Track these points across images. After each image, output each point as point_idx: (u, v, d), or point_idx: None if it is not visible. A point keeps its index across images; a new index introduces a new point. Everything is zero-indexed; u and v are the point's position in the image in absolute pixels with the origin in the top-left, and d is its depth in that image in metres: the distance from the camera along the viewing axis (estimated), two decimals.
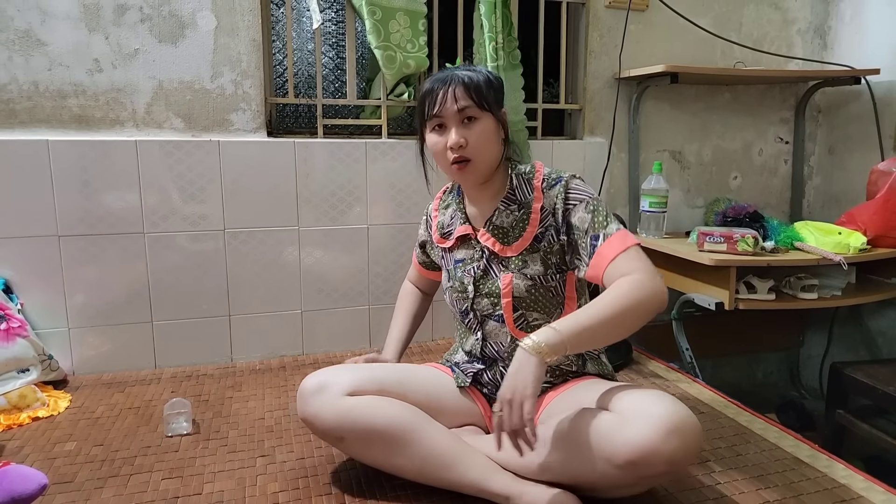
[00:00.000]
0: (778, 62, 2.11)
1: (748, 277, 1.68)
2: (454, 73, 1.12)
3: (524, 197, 1.16)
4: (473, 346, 1.23)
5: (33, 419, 1.35)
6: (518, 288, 1.14)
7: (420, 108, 1.15)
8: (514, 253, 1.15)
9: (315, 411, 1.05)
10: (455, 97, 1.09)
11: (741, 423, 1.34)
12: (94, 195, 1.54)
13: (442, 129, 1.12)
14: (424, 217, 1.36)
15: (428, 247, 1.36)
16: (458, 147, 1.09)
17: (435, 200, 1.34)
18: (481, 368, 1.22)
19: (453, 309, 1.27)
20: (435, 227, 1.30)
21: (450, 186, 1.31)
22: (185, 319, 1.66)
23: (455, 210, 1.25)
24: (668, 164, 2.06)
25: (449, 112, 1.10)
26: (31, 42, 1.48)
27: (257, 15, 1.62)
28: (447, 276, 1.26)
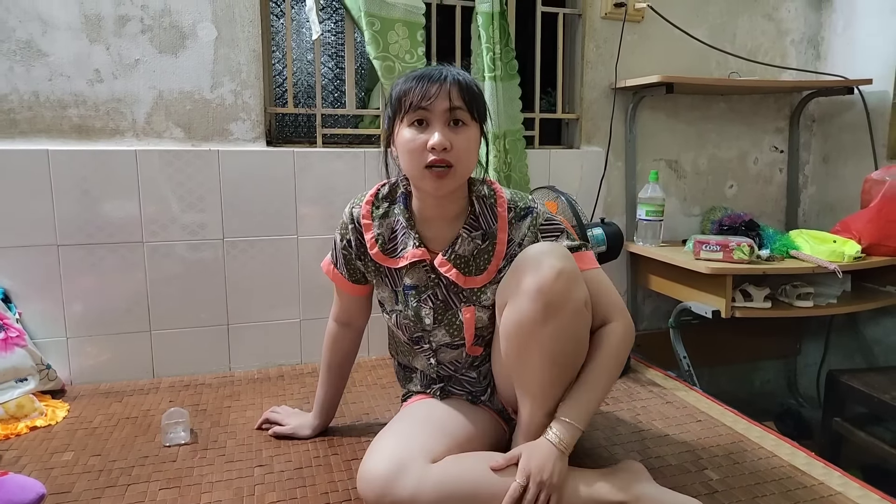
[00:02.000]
0: (772, 72, 2.13)
1: (744, 285, 1.69)
2: (446, 69, 1.02)
3: (488, 225, 1.10)
4: (427, 369, 1.21)
5: (31, 429, 1.34)
6: (481, 320, 1.12)
7: (398, 99, 1.02)
8: (477, 285, 1.11)
9: (412, 492, 0.94)
10: (449, 95, 0.98)
11: (738, 431, 1.35)
12: (94, 204, 1.55)
13: (422, 125, 1.00)
14: (349, 225, 1.15)
15: (358, 261, 1.17)
16: (441, 148, 0.98)
17: (364, 206, 1.14)
18: (441, 387, 1.21)
19: (399, 332, 1.19)
20: (371, 240, 1.13)
21: (384, 191, 1.14)
22: (184, 329, 1.66)
23: (403, 226, 1.11)
24: (664, 172, 2.08)
25: (438, 108, 0.99)
26: (32, 52, 1.50)
27: (257, 26, 1.63)
28: (395, 299, 1.15)
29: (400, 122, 1.03)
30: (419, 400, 1.21)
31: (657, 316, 2.13)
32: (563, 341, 1.00)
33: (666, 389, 1.59)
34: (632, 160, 2.01)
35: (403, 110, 1.01)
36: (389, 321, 1.20)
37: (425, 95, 0.99)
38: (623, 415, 1.43)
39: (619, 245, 1.67)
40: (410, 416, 1.14)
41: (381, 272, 1.16)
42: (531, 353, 1.00)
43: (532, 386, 1.04)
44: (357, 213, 1.15)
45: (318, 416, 1.32)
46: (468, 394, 1.20)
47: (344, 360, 1.30)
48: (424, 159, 0.99)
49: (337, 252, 1.20)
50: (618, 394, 1.55)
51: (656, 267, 1.90)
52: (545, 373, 1.01)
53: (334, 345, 1.29)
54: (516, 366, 1.04)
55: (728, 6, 2.07)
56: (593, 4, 1.93)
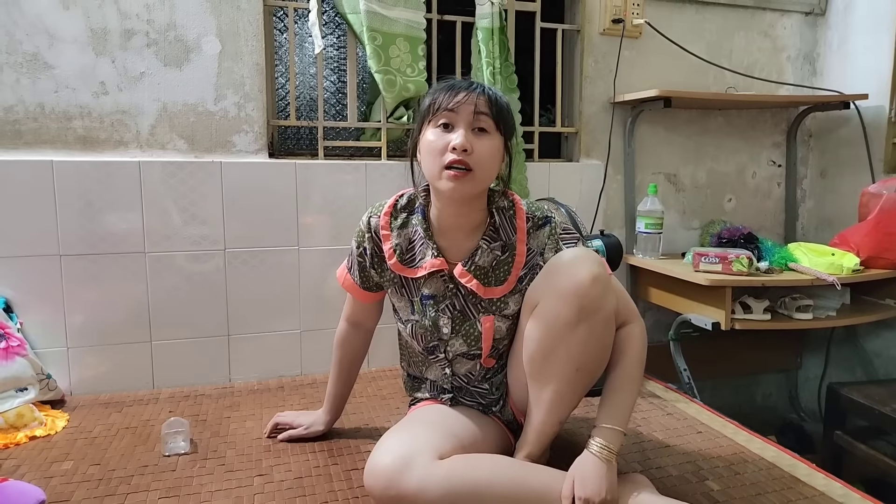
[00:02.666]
0: (769, 88, 2.16)
1: (744, 298, 1.70)
2: (477, 82, 1.06)
3: (507, 237, 1.11)
4: (441, 379, 1.22)
5: (30, 438, 1.34)
6: (500, 330, 1.14)
7: (427, 105, 1.06)
8: (496, 296, 1.12)
9: (417, 486, 0.94)
10: (476, 102, 1.02)
11: (739, 443, 1.35)
12: (97, 215, 1.56)
13: (447, 128, 1.03)
14: (366, 234, 1.17)
15: (373, 269, 1.19)
16: (462, 150, 1.00)
17: (382, 217, 1.15)
18: (451, 397, 1.21)
19: (414, 342, 1.20)
20: (390, 250, 1.14)
21: (403, 202, 1.16)
22: (184, 339, 1.66)
23: (421, 237, 1.12)
24: (663, 186, 2.09)
25: (463, 111, 1.02)
26: (38, 65, 1.52)
27: (261, 40, 1.66)
28: (411, 308, 1.16)
29: (426, 125, 1.06)
30: (427, 405, 1.21)
31: (657, 328, 2.13)
32: (590, 347, 1.01)
33: (666, 401, 1.59)
34: (631, 174, 2.03)
35: (431, 113, 1.05)
36: (404, 331, 1.21)
37: (453, 100, 1.02)
38: None
39: (618, 257, 1.67)
40: (418, 417, 1.15)
41: (398, 282, 1.16)
42: (557, 356, 1.01)
43: (551, 390, 1.04)
44: (375, 223, 1.16)
45: (329, 411, 1.35)
46: (479, 405, 1.21)
47: (354, 359, 1.33)
48: (445, 159, 1.01)
49: (353, 259, 1.22)
50: None
51: (656, 279, 1.91)
52: (567, 378, 1.02)
53: (345, 344, 1.31)
54: (539, 367, 1.04)
55: (724, 23, 2.11)
56: (591, 20, 1.96)
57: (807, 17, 2.20)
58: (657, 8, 2.00)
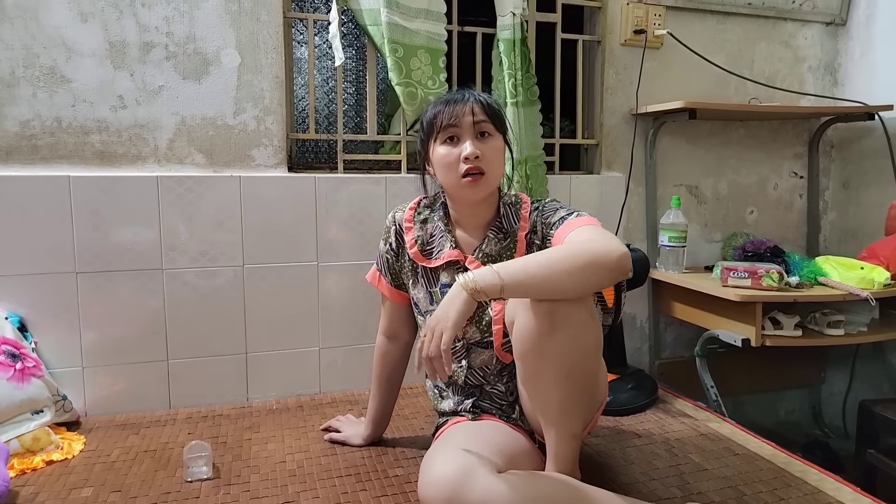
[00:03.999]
0: (790, 98, 2.13)
1: (773, 313, 1.66)
2: (467, 92, 1.16)
3: (510, 226, 1.19)
4: (456, 374, 1.23)
5: (47, 463, 1.30)
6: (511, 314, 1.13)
7: (430, 123, 1.15)
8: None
9: (481, 499, 0.92)
10: (472, 111, 1.12)
11: (779, 465, 1.31)
12: (114, 231, 1.52)
13: (454, 141, 1.13)
14: (392, 227, 1.27)
15: (397, 263, 1.27)
16: (473, 157, 1.10)
17: (407, 211, 1.26)
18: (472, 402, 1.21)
19: None
20: (412, 240, 1.24)
21: (427, 201, 1.28)
22: (201, 358, 1.63)
23: (442, 230, 1.22)
24: (684, 198, 2.06)
25: (465, 123, 1.11)
26: (55, 79, 1.49)
27: (280, 52, 1.63)
28: (430, 299, 1.23)
29: (434, 142, 1.16)
30: (455, 424, 1.20)
31: (679, 344, 2.10)
32: (574, 354, 1.00)
33: (698, 421, 1.55)
34: (652, 186, 2.00)
35: (436, 130, 1.14)
36: (424, 324, 1.24)
37: (453, 114, 1.12)
38: (657, 448, 1.39)
39: (644, 271, 1.64)
40: (456, 436, 1.13)
41: (417, 272, 1.23)
42: (544, 370, 1.01)
43: (551, 407, 1.03)
44: (400, 217, 1.27)
45: (369, 426, 1.38)
46: (498, 409, 1.21)
47: (393, 373, 1.35)
48: (460, 171, 1.11)
49: (381, 258, 1.30)
50: (649, 425, 1.51)
51: (680, 294, 1.87)
52: (561, 389, 1.01)
53: (383, 358, 1.34)
54: (532, 388, 1.05)
55: (746, 33, 2.09)
56: (612, 31, 1.94)
57: (827, 27, 2.17)
58: (678, 18, 1.98)
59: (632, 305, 2.01)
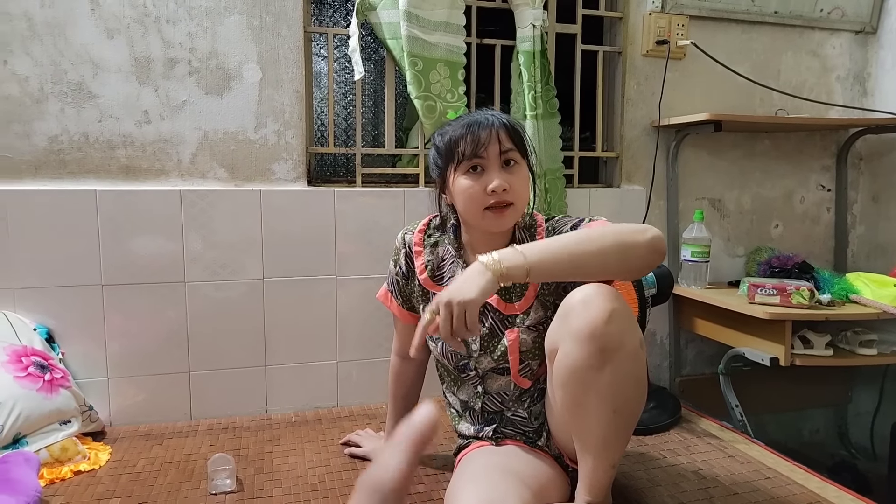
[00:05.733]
0: (818, 109, 2.09)
1: (803, 331, 1.62)
2: (490, 115, 1.09)
3: None
4: (472, 400, 1.19)
5: (75, 473, 1.32)
6: (525, 343, 1.12)
7: (449, 149, 1.08)
8: (518, 311, 1.12)
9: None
10: (499, 139, 1.05)
11: (812, 490, 1.27)
12: (138, 244, 1.55)
13: (477, 171, 1.06)
14: (402, 250, 1.22)
15: (408, 286, 1.23)
16: (502, 190, 1.04)
17: (416, 234, 1.21)
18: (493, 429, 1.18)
19: (445, 361, 1.20)
20: (421, 265, 1.19)
21: (436, 221, 1.22)
22: (221, 370, 1.64)
23: (453, 255, 1.17)
24: (707, 212, 2.03)
25: (492, 154, 1.05)
26: (83, 94, 1.52)
27: (301, 67, 1.64)
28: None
29: (454, 171, 1.08)
30: (476, 448, 1.17)
31: (701, 361, 2.06)
32: (623, 387, 0.95)
33: (725, 442, 1.51)
34: (674, 199, 1.97)
35: (458, 159, 1.07)
36: (435, 350, 1.21)
37: (478, 143, 1.05)
38: (684, 469, 1.36)
39: (669, 287, 1.62)
40: (481, 464, 1.10)
41: (427, 297, 1.19)
42: (589, 403, 0.96)
43: (593, 439, 0.99)
44: (409, 239, 1.22)
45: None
46: (522, 435, 1.17)
47: (409, 392, 1.34)
48: (484, 202, 1.05)
49: (391, 279, 1.26)
50: (675, 446, 1.49)
51: (703, 310, 1.84)
52: (607, 423, 0.97)
53: (397, 378, 1.33)
54: (574, 417, 0.99)
55: (772, 43, 2.05)
56: (634, 42, 1.92)
57: (857, 35, 2.12)
58: (702, 28, 1.95)
59: (652, 321, 1.98)
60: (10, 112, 1.47)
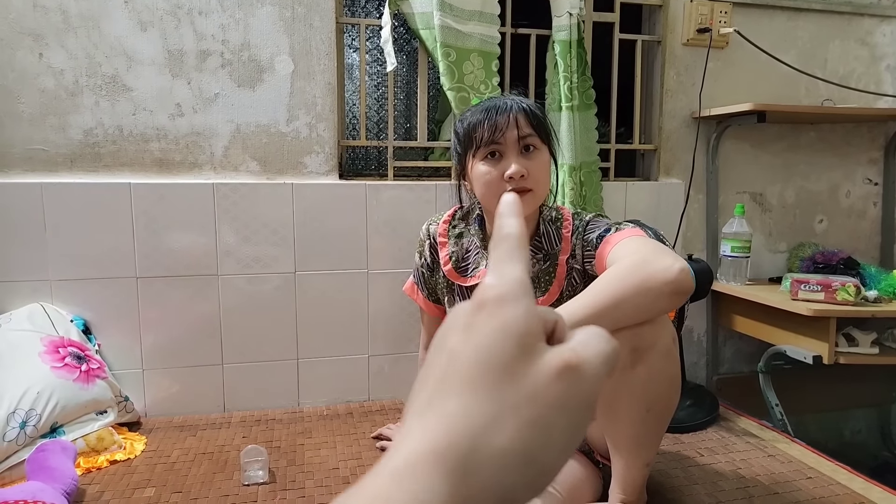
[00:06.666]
0: (866, 99, 2.00)
1: (848, 329, 1.56)
2: (509, 100, 1.05)
3: (551, 247, 1.10)
4: None
5: (111, 462, 1.34)
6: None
7: (467, 135, 1.06)
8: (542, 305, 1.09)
9: None
10: (517, 124, 1.02)
11: (856, 491, 1.22)
12: (172, 237, 1.55)
13: (495, 157, 1.04)
14: (426, 242, 1.22)
15: (429, 276, 1.23)
16: (519, 177, 1.01)
17: (441, 224, 1.21)
18: None
19: None
20: (446, 257, 1.18)
21: (461, 212, 1.21)
22: (254, 362, 1.64)
23: (477, 246, 1.15)
24: (748, 206, 1.96)
25: (510, 139, 1.02)
26: (117, 87, 1.52)
27: (333, 59, 1.63)
28: None
29: (472, 157, 1.07)
30: None
31: (739, 358, 2.00)
32: (655, 384, 0.93)
33: (765, 441, 1.47)
34: (714, 193, 1.91)
35: (475, 145, 1.05)
36: None
37: (496, 128, 1.02)
38: (722, 467, 1.33)
39: (708, 283, 1.57)
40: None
41: (452, 290, 1.18)
42: (621, 402, 0.94)
43: (625, 438, 0.97)
44: (434, 230, 1.22)
45: None
46: None
47: None
48: (502, 189, 1.02)
49: (416, 271, 1.27)
50: (712, 444, 1.45)
51: (743, 307, 1.79)
52: (640, 423, 0.95)
53: None
54: (605, 416, 0.98)
55: (818, 31, 1.97)
56: (674, 30, 1.85)
57: None
58: (745, 15, 1.88)
59: (689, 318, 1.93)
60: (45, 105, 1.49)
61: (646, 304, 0.87)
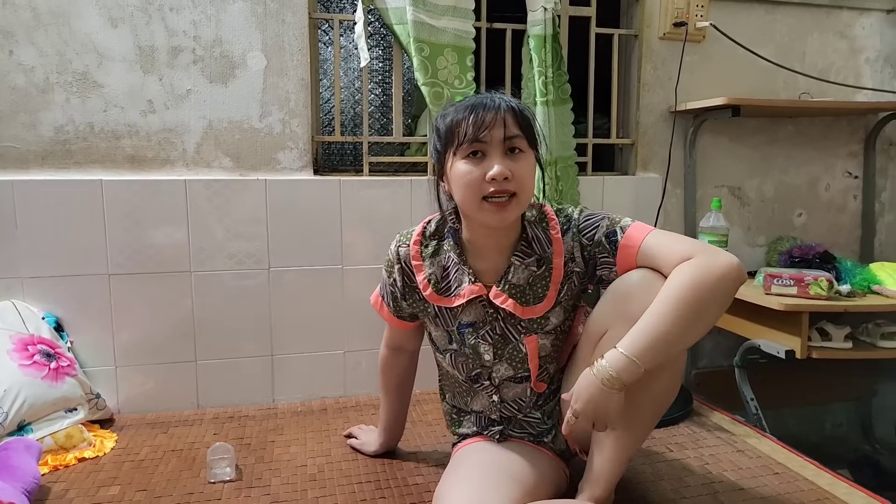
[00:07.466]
0: (845, 93, 1.99)
1: (821, 323, 1.56)
2: (497, 97, 0.99)
3: (542, 250, 1.05)
4: (488, 408, 1.15)
5: (79, 460, 1.33)
6: (545, 348, 1.08)
7: (450, 131, 0.98)
8: (537, 315, 1.05)
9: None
10: (505, 123, 0.96)
11: (822, 487, 1.22)
12: (144, 234, 1.55)
13: (478, 157, 0.97)
14: (396, 265, 1.12)
15: (404, 301, 1.15)
16: (502, 178, 0.95)
17: (412, 246, 1.11)
18: (500, 430, 1.14)
19: (455, 372, 1.15)
20: (424, 281, 1.09)
21: (431, 228, 1.11)
22: (228, 359, 1.64)
23: (455, 262, 1.07)
24: (726, 200, 1.96)
25: (495, 138, 0.96)
26: (87, 84, 1.52)
27: (306, 54, 1.62)
28: (448, 339, 1.12)
29: (453, 156, 0.99)
30: (475, 443, 1.15)
31: (718, 353, 2.00)
32: (665, 376, 0.95)
33: (735, 436, 1.47)
34: (691, 187, 1.91)
35: (457, 142, 0.98)
36: (443, 361, 1.17)
37: (481, 126, 0.95)
38: (690, 463, 1.33)
39: None
40: (473, 462, 1.07)
41: (431, 312, 1.12)
42: (643, 406, 0.96)
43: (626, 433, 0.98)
44: (405, 253, 1.12)
45: (381, 435, 1.34)
46: (530, 435, 1.14)
47: (401, 383, 1.30)
48: (483, 191, 0.96)
49: (385, 289, 1.20)
50: (683, 439, 1.45)
51: None
52: (641, 408, 0.96)
53: (388, 370, 1.29)
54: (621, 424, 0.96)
55: (797, 24, 1.96)
56: (650, 24, 1.85)
57: (889, 14, 2.02)
58: (722, 9, 1.87)
59: None
60: (16, 102, 1.48)
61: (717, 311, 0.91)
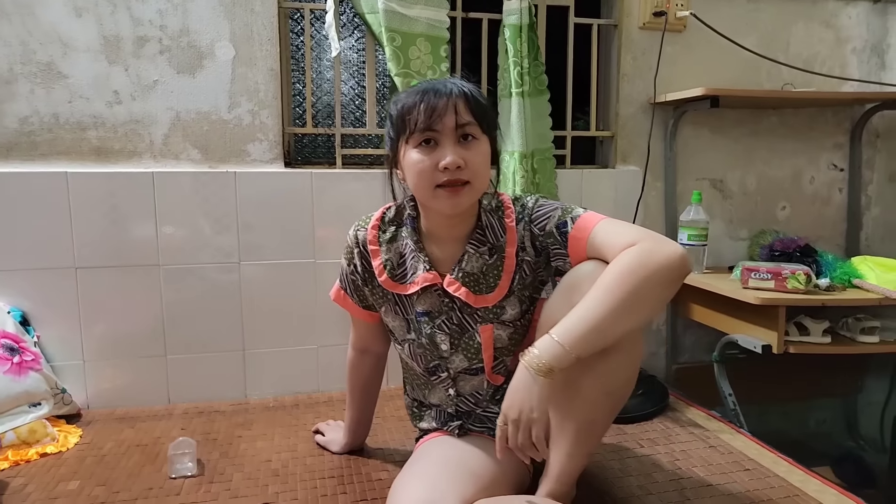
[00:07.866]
0: (831, 83, 1.96)
1: (800, 318, 1.53)
2: (450, 82, 0.97)
3: (495, 238, 1.04)
4: (444, 402, 1.14)
5: (41, 455, 1.32)
6: (500, 339, 1.06)
7: (401, 118, 0.96)
8: (489, 304, 1.04)
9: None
10: (456, 110, 0.94)
11: (793, 483, 1.20)
12: (112, 227, 1.53)
13: (430, 145, 0.95)
14: (355, 249, 1.11)
15: (365, 287, 1.13)
16: (455, 167, 0.93)
17: (370, 230, 1.10)
18: (459, 424, 1.13)
19: (413, 363, 1.13)
20: (380, 266, 1.08)
21: (391, 214, 1.10)
22: (199, 354, 1.62)
23: (412, 249, 1.06)
24: (708, 193, 1.93)
25: (447, 126, 0.94)
26: (52, 75, 1.49)
27: (276, 44, 1.59)
28: (406, 327, 1.10)
29: (406, 144, 0.97)
30: (436, 437, 1.13)
31: (698, 348, 1.97)
32: (622, 367, 0.93)
33: (709, 432, 1.44)
34: (672, 180, 1.87)
35: (409, 130, 0.96)
36: (402, 352, 1.15)
37: (432, 113, 0.93)
38: (660, 459, 1.31)
39: None
40: (432, 456, 1.06)
41: (390, 300, 1.11)
42: (584, 383, 0.94)
43: (580, 420, 0.97)
44: (363, 237, 1.11)
45: (346, 435, 1.32)
46: (489, 430, 1.12)
47: (367, 385, 1.28)
48: (436, 179, 0.95)
49: (345, 277, 1.17)
50: (655, 435, 1.42)
51: (699, 296, 1.75)
52: (597, 404, 0.95)
53: (354, 371, 1.27)
54: (564, 397, 0.95)
55: (781, 13, 1.92)
56: (630, 14, 1.81)
57: (875, 4, 1.98)
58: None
59: None
60: None
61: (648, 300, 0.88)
